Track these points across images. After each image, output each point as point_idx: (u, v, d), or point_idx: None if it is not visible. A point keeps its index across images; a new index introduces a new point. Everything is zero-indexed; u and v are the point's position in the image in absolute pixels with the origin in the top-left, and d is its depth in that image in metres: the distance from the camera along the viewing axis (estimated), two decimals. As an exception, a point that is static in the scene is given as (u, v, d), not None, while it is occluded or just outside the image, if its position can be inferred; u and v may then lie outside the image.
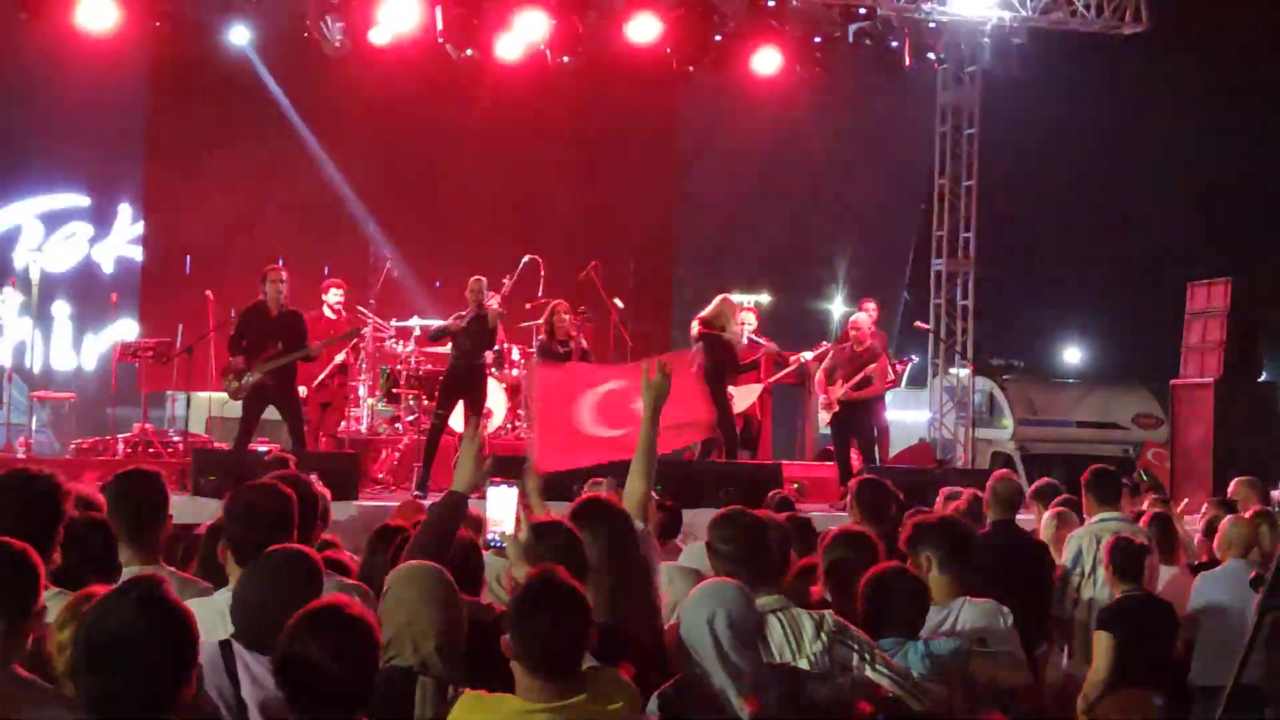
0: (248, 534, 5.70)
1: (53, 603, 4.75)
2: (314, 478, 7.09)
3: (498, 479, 5.69)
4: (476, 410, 16.20)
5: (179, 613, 3.91)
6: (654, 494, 9.80)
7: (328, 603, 4.50)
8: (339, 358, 17.89)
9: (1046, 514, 10.74)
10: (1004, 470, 11.45)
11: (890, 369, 17.92)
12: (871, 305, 18.43)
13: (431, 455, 16.01)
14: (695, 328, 17.00)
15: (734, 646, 5.27)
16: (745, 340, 17.59)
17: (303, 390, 16.96)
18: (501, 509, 5.57)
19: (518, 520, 5.54)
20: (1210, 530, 10.70)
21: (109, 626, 3.83)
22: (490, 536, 5.57)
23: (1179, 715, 8.86)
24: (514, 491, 5.60)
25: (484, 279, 16.49)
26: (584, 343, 17.54)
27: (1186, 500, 16.64)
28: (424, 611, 5.04)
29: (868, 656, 5.86)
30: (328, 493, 7.74)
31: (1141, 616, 8.50)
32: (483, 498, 6.06)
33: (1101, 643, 8.43)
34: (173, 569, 5.90)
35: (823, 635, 5.80)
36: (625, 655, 5.33)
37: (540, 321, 17.43)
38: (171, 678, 3.85)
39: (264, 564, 5.24)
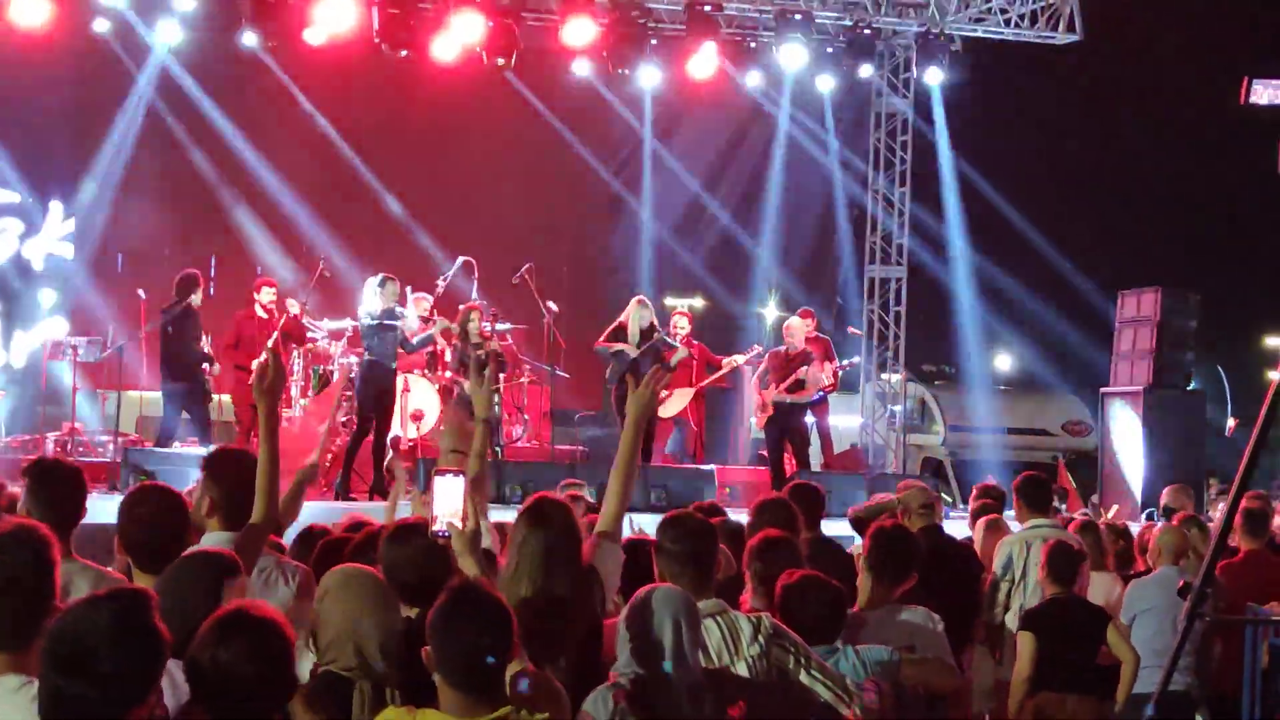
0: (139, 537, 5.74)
1: None
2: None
3: (444, 469, 5.66)
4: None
5: (151, 630, 3.90)
6: (586, 496, 9.85)
7: (235, 607, 4.45)
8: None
9: (979, 522, 10.78)
10: (911, 480, 11.54)
11: (830, 373, 17.91)
12: (810, 312, 18.59)
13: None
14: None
15: (688, 651, 5.31)
16: (676, 344, 17.60)
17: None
18: (448, 499, 5.53)
19: (465, 511, 5.53)
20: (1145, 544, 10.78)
21: (79, 631, 3.83)
22: (437, 528, 5.53)
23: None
24: (461, 481, 5.56)
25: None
26: (497, 345, 17.46)
27: (1116, 507, 16.77)
28: (366, 616, 5.00)
29: (803, 660, 5.88)
30: None
31: (1065, 618, 8.55)
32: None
33: (1024, 643, 8.50)
34: (86, 561, 5.86)
35: (760, 639, 5.82)
36: (553, 656, 5.34)
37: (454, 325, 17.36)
38: (132, 692, 3.85)
39: (178, 569, 5.17)
